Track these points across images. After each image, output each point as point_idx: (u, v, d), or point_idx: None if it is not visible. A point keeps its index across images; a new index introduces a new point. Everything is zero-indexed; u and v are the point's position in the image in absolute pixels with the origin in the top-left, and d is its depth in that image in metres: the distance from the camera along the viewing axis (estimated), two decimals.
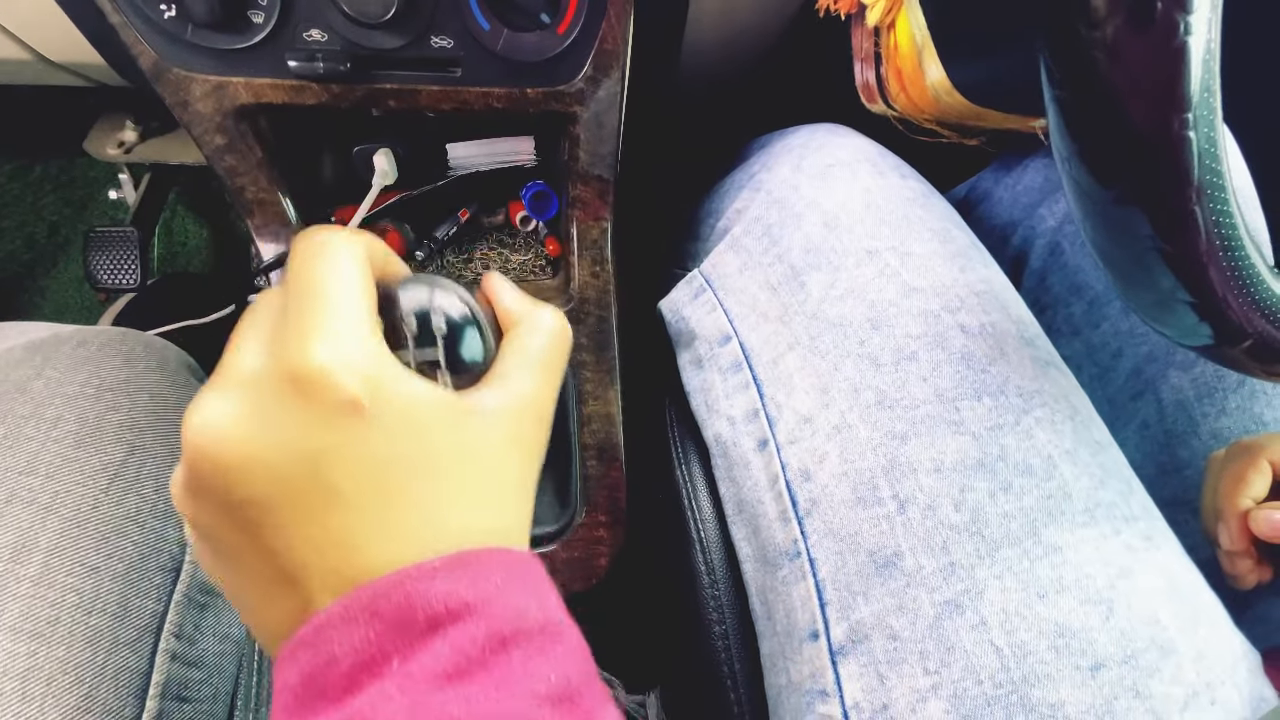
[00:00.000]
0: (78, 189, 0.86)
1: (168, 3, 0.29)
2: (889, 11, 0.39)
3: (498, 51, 0.33)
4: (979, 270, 0.35)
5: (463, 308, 0.21)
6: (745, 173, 0.45)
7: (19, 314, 0.86)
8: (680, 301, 0.43)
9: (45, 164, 0.84)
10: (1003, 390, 0.30)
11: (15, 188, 0.83)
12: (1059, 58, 0.20)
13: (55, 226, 0.86)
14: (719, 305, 0.40)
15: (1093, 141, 0.21)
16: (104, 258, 0.72)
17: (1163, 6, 0.17)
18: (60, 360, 0.29)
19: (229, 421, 0.16)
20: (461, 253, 0.44)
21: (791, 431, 0.33)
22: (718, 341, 0.39)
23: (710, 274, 0.42)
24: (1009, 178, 0.53)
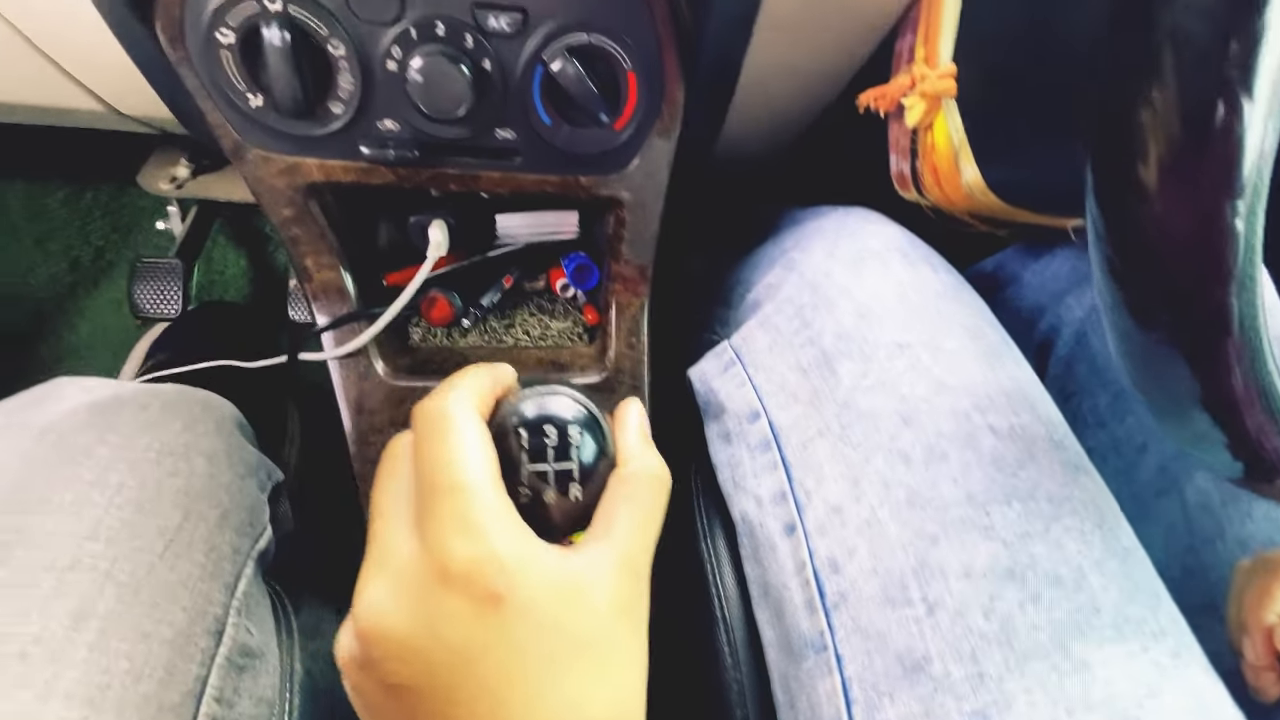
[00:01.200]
0: (125, 215, 0.89)
1: (255, 93, 0.31)
2: (928, 114, 0.41)
3: (557, 145, 0.35)
4: (1009, 369, 0.36)
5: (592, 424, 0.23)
6: (778, 248, 0.47)
7: (58, 333, 0.88)
8: (709, 372, 0.44)
9: (97, 190, 0.87)
10: (1033, 495, 0.31)
11: (65, 212, 0.86)
12: (1107, 220, 0.21)
13: (100, 250, 0.89)
14: (748, 380, 0.41)
15: (1137, 294, 0.23)
16: (148, 288, 0.75)
17: (1211, 193, 0.19)
18: (123, 425, 0.30)
19: (389, 609, 0.19)
20: (504, 318, 0.45)
21: (820, 520, 0.34)
22: (747, 417, 0.40)
23: (740, 348, 0.43)
24: (1036, 263, 0.54)
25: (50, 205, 0.85)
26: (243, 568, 0.31)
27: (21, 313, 0.86)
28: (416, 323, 0.44)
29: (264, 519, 0.33)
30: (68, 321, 0.89)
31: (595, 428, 0.23)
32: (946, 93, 0.39)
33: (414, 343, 0.43)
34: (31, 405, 0.31)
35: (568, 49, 0.32)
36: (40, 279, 0.86)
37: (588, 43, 0.32)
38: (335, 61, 0.31)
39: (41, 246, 0.86)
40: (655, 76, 0.34)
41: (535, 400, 0.22)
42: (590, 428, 0.23)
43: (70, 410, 0.30)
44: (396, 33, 0.30)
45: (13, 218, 0.85)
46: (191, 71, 0.31)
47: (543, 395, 0.23)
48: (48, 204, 0.85)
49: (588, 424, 0.22)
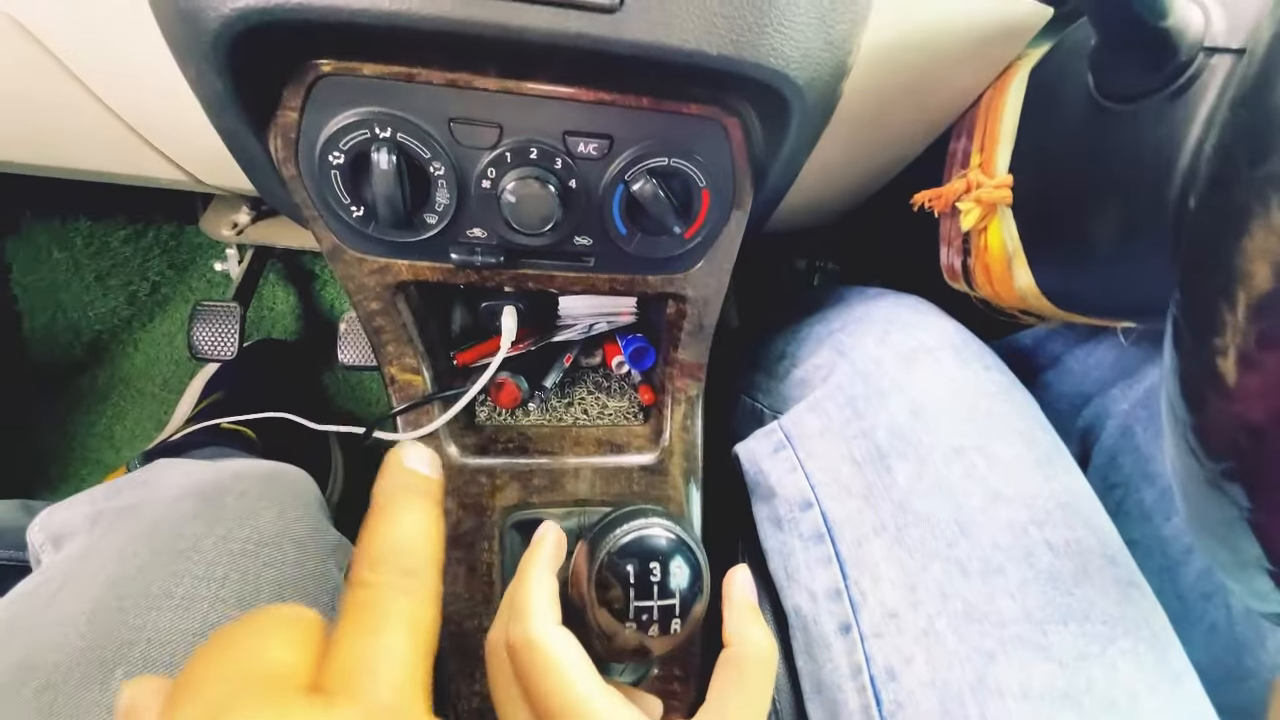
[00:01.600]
0: (183, 253, 0.93)
1: (358, 206, 0.33)
2: (983, 218, 0.42)
3: (629, 251, 0.36)
4: (1062, 478, 0.37)
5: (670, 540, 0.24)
6: (824, 328, 0.48)
7: (112, 363, 0.92)
8: (759, 452, 0.45)
9: (158, 230, 0.91)
10: (1088, 616, 0.32)
11: (127, 250, 0.90)
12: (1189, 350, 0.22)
13: (157, 285, 0.92)
14: (799, 466, 0.42)
15: (1211, 421, 0.23)
16: (206, 330, 0.77)
17: None
18: (225, 516, 0.32)
19: None
20: (564, 397, 0.47)
21: (877, 624, 0.35)
22: (799, 505, 0.41)
23: (791, 431, 0.44)
24: (1080, 349, 0.55)
25: (112, 243, 0.89)
26: None
27: (80, 343, 0.90)
28: (483, 402, 0.45)
29: None
30: (122, 351, 0.92)
31: (691, 557, 0.24)
32: (1002, 201, 0.41)
33: (479, 421, 0.45)
34: (137, 490, 0.33)
35: (648, 170, 0.33)
36: (99, 312, 0.90)
37: (668, 165, 0.33)
38: (434, 181, 0.33)
39: (102, 282, 0.90)
40: (727, 193, 0.35)
41: (636, 535, 0.24)
42: (687, 558, 0.24)
43: (175, 499, 0.32)
44: (493, 156, 0.32)
45: (77, 255, 0.88)
46: (300, 186, 0.33)
47: (641, 531, 0.24)
48: (110, 242, 0.89)
49: (685, 555, 0.24)
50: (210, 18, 0.24)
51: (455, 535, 0.41)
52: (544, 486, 0.42)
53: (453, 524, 0.41)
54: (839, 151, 0.45)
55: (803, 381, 0.46)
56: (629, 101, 0.31)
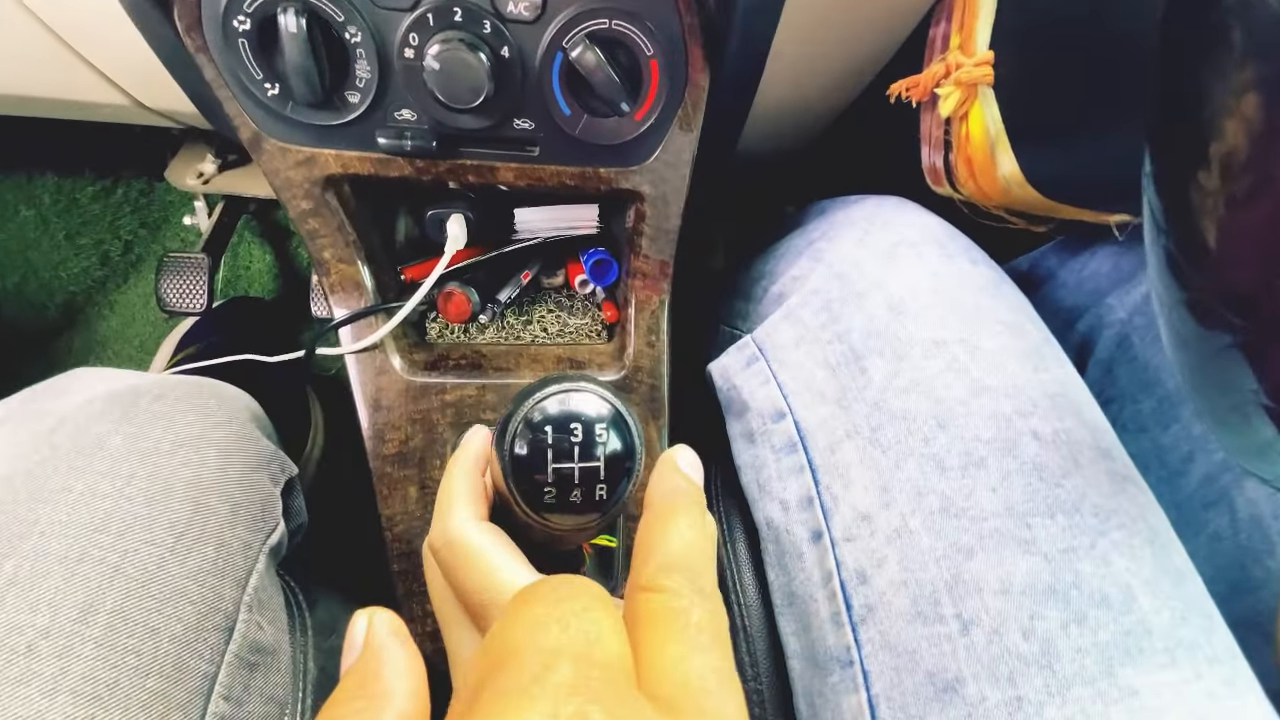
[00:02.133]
0: (155, 211, 0.91)
1: (271, 82, 0.31)
2: (963, 103, 0.39)
3: (576, 135, 0.34)
4: (1053, 370, 0.34)
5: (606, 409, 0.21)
6: (804, 239, 0.45)
7: (87, 325, 0.90)
8: (731, 368, 0.43)
9: (127, 186, 0.89)
10: (1078, 508, 0.29)
11: (96, 208, 0.88)
12: (1170, 212, 0.19)
13: (130, 245, 0.90)
14: (773, 378, 0.39)
15: (1199, 292, 0.21)
16: (174, 282, 0.75)
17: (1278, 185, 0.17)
18: (138, 415, 0.30)
19: None
20: (522, 314, 0.44)
21: (848, 528, 0.32)
22: (771, 417, 0.38)
23: (764, 343, 0.41)
24: (1075, 260, 0.52)
25: (81, 200, 0.87)
26: (254, 563, 0.30)
27: (53, 305, 0.88)
28: (434, 319, 0.43)
29: (276, 513, 0.33)
30: (97, 314, 0.90)
31: (621, 424, 0.22)
32: (983, 80, 0.37)
33: (431, 339, 0.43)
34: (51, 396, 0.31)
35: (589, 35, 0.30)
36: (71, 273, 0.88)
37: (609, 29, 0.31)
38: (352, 50, 0.30)
39: (72, 241, 0.88)
40: (678, 64, 0.33)
41: (559, 397, 0.21)
42: (616, 425, 0.21)
43: (87, 400, 0.30)
44: (413, 19, 0.29)
45: (44, 211, 0.86)
46: (209, 60, 0.30)
47: (567, 391, 0.21)
48: (78, 199, 0.87)
49: (614, 421, 0.21)
50: None
51: (405, 452, 0.39)
52: (498, 404, 0.40)
53: (401, 440, 0.39)
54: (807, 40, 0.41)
55: (780, 296, 0.43)
56: None
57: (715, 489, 0.44)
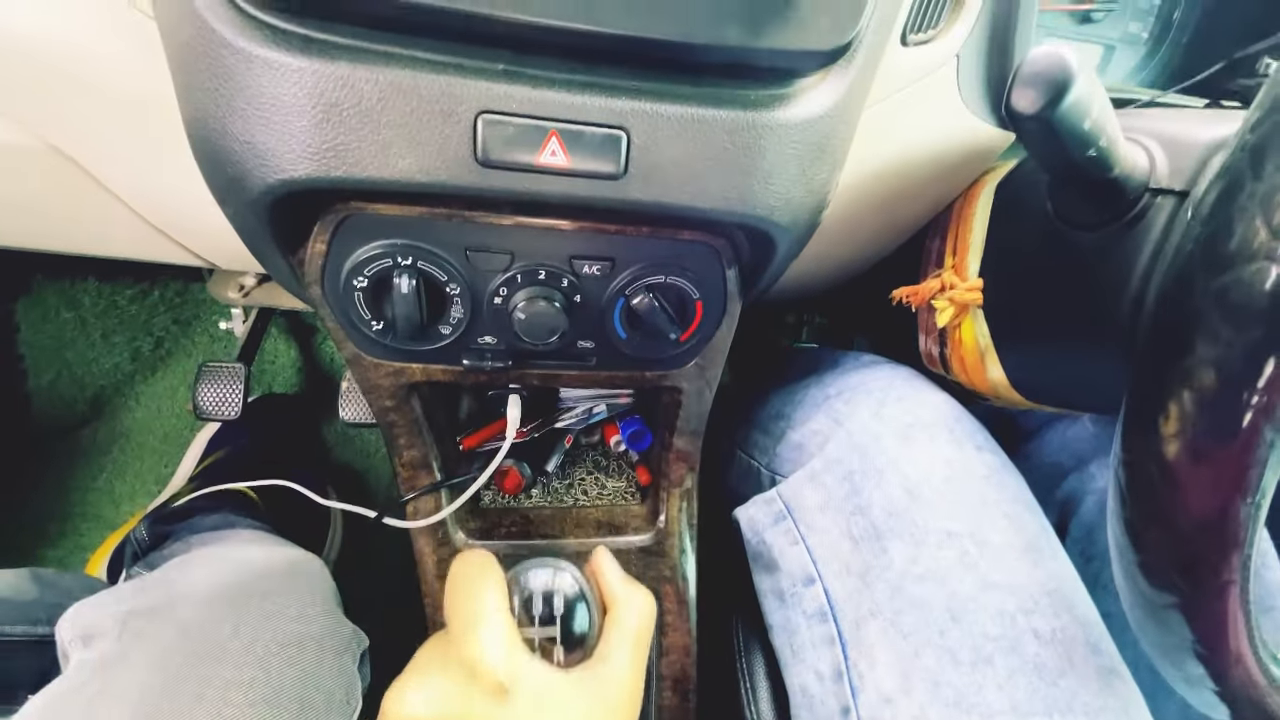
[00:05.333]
0: (188, 310, 0.95)
1: (378, 321, 0.36)
2: (957, 316, 0.45)
3: (628, 353, 0.39)
4: (1049, 565, 0.39)
5: (575, 590, 0.30)
6: (820, 391, 0.50)
7: (114, 416, 0.93)
8: (760, 521, 0.47)
9: (164, 287, 0.93)
10: (1070, 707, 0.34)
11: (134, 309, 0.92)
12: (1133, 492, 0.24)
13: (160, 341, 0.94)
14: (801, 540, 0.44)
15: (1153, 557, 0.26)
16: (211, 390, 0.79)
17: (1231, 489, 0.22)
18: (250, 617, 0.34)
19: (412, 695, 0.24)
20: (565, 478, 0.49)
21: (874, 709, 0.36)
22: (801, 581, 0.43)
23: (790, 501, 0.46)
24: (1060, 423, 0.58)
25: (120, 302, 0.91)
26: None
27: (83, 399, 0.91)
28: (487, 487, 0.47)
29: (358, 692, 0.37)
30: (124, 406, 0.93)
31: (595, 606, 0.30)
32: (974, 303, 0.44)
33: (484, 505, 0.47)
34: (164, 586, 0.35)
35: (647, 286, 0.36)
36: (103, 368, 0.91)
37: (664, 282, 0.36)
38: (449, 299, 0.35)
39: (107, 339, 0.91)
40: (718, 301, 0.38)
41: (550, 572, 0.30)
42: (590, 607, 0.30)
43: (203, 601, 0.34)
44: (505, 278, 0.35)
45: (84, 314, 0.90)
46: (324, 304, 0.36)
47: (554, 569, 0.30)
48: (117, 300, 0.91)
49: (589, 603, 0.30)
50: (255, 183, 0.27)
51: None
52: None
53: None
54: (819, 250, 0.48)
55: (799, 445, 0.48)
56: (630, 230, 0.34)
57: (739, 643, 0.48)
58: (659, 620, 0.45)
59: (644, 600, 0.31)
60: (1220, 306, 0.19)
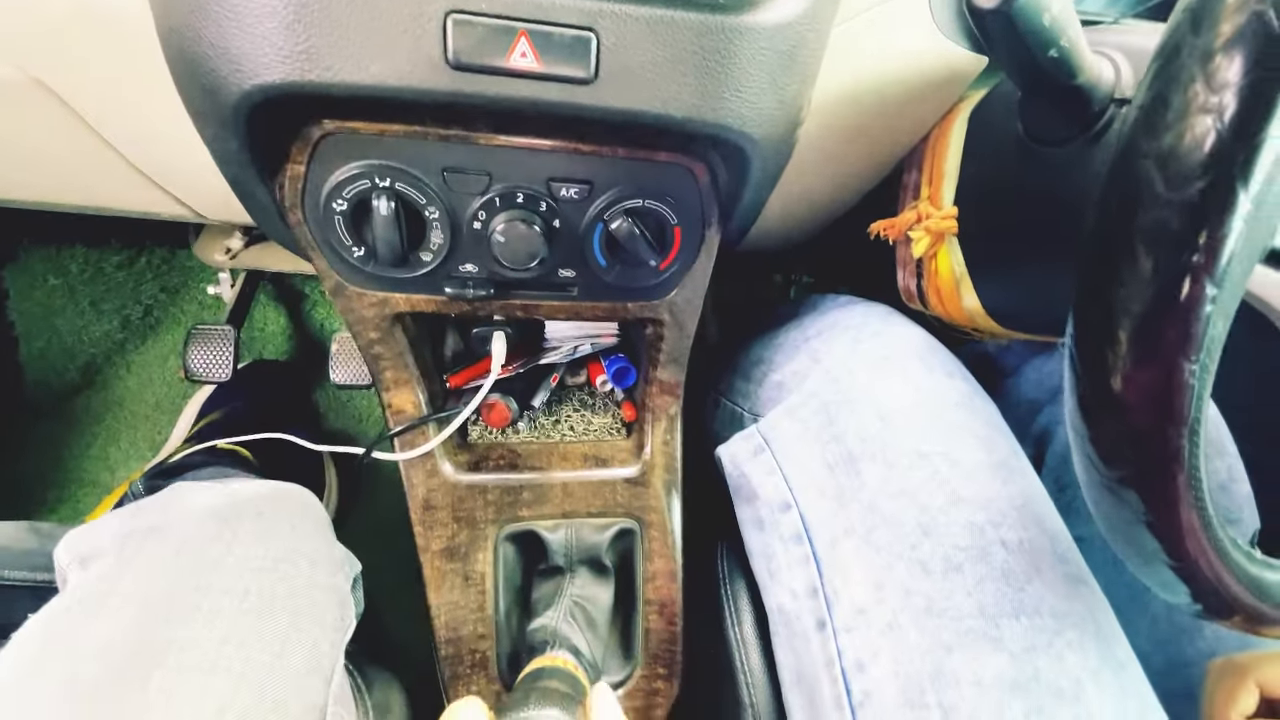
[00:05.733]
0: (175, 277, 0.95)
1: (359, 247, 0.36)
2: (932, 245, 0.46)
3: (609, 281, 0.40)
4: (1019, 482, 0.40)
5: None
6: (800, 334, 0.51)
7: (106, 384, 0.93)
8: (740, 456, 0.48)
9: (150, 254, 0.93)
10: (1038, 610, 0.35)
11: (121, 275, 0.92)
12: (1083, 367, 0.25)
13: (149, 309, 0.94)
14: (778, 469, 0.45)
15: (1104, 433, 0.26)
16: (201, 353, 0.79)
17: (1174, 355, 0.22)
18: (244, 533, 0.35)
19: None
20: (551, 414, 0.50)
21: (848, 620, 0.38)
22: (778, 507, 0.44)
23: (769, 435, 0.47)
24: (1036, 359, 0.59)
25: (106, 269, 0.91)
26: (337, 660, 0.35)
27: (74, 367, 0.91)
28: (475, 422, 0.48)
29: (351, 613, 0.38)
30: (116, 374, 0.94)
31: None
32: (949, 231, 0.44)
33: (472, 440, 0.48)
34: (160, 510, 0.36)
35: (625, 210, 0.37)
36: (93, 336, 0.92)
37: (642, 206, 0.37)
38: (429, 223, 0.36)
39: (96, 307, 0.91)
40: (696, 228, 0.39)
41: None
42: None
43: (198, 521, 0.35)
44: (483, 200, 0.35)
45: (72, 281, 0.90)
46: (305, 230, 0.36)
47: None
48: (104, 267, 0.91)
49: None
50: (230, 91, 0.27)
51: (451, 547, 0.44)
52: (533, 500, 0.45)
53: (449, 536, 0.44)
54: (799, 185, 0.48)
55: (779, 385, 0.49)
56: (606, 151, 0.34)
57: (723, 569, 0.50)
58: (645, 548, 0.47)
59: None
60: (1161, 167, 0.20)
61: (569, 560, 0.45)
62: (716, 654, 0.46)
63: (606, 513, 0.46)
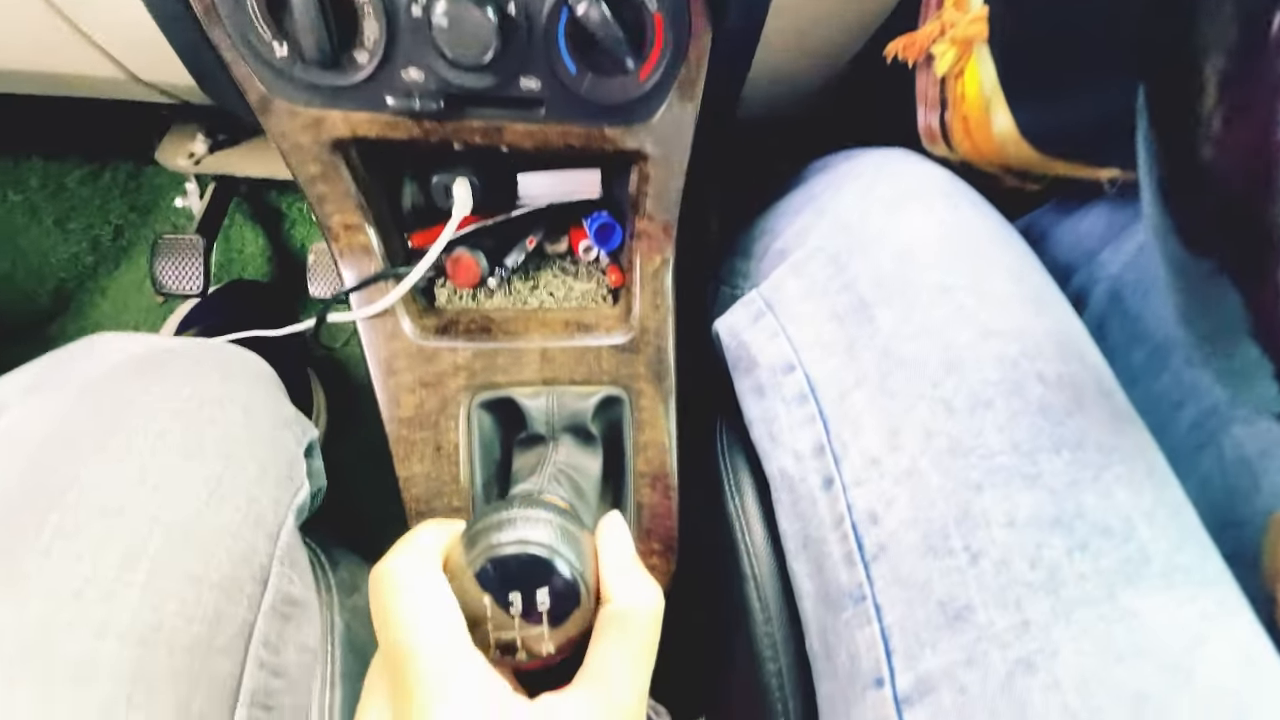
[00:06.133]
0: (144, 194, 0.90)
1: (280, 41, 0.31)
2: (958, 60, 0.40)
3: (581, 94, 0.34)
4: (1056, 314, 0.35)
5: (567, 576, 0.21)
6: (806, 194, 0.46)
7: (80, 311, 0.89)
8: (739, 325, 0.43)
9: (114, 169, 0.88)
10: (1081, 445, 0.30)
11: (85, 191, 0.87)
12: (1161, 141, 0.20)
13: (120, 230, 0.89)
14: (781, 331, 0.40)
15: (1189, 217, 0.22)
16: (170, 264, 0.75)
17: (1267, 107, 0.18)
18: (165, 375, 0.30)
19: None
20: (528, 279, 0.45)
21: (858, 472, 0.33)
22: (781, 370, 0.39)
23: (771, 298, 0.42)
24: (1069, 219, 0.53)
25: (69, 184, 0.86)
26: (284, 519, 0.31)
27: (44, 292, 0.87)
28: (442, 284, 0.43)
29: (301, 472, 0.34)
30: (89, 300, 0.90)
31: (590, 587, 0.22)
32: (978, 36, 0.38)
33: (440, 305, 0.43)
34: (71, 362, 0.31)
35: None
36: (61, 259, 0.87)
37: None
38: (360, 8, 0.30)
39: (61, 226, 0.87)
40: (681, 20, 0.33)
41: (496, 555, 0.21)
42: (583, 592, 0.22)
43: (113, 365, 0.30)
44: None
45: (32, 196, 0.85)
46: (217, 22, 0.30)
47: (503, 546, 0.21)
48: (66, 183, 0.86)
49: (581, 588, 0.21)
50: None
51: (419, 415, 0.39)
52: (509, 365, 0.41)
53: (416, 404, 0.39)
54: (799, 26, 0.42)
55: (782, 251, 0.43)
56: None
57: (721, 445, 0.45)
58: (635, 418, 0.42)
59: (653, 602, 0.22)
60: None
61: (551, 429, 0.40)
62: (716, 529, 0.42)
63: (591, 381, 0.42)
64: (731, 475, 0.42)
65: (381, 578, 0.20)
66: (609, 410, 0.42)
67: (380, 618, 0.20)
